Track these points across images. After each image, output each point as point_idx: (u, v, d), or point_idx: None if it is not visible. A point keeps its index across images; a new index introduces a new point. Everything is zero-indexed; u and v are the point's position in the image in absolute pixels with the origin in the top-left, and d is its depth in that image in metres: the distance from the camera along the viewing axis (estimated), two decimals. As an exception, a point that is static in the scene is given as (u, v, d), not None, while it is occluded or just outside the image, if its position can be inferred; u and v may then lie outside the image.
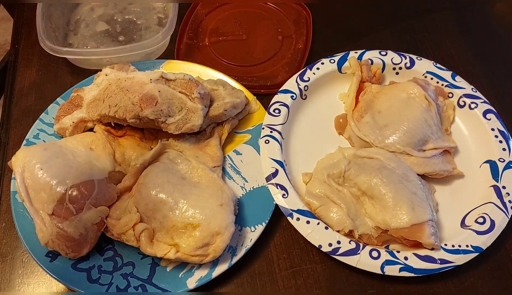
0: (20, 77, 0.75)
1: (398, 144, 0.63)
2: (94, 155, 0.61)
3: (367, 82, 0.70)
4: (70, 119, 0.64)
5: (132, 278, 0.56)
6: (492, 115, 0.66)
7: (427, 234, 0.55)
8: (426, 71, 0.70)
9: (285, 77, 0.71)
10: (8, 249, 0.60)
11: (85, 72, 0.74)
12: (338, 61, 0.71)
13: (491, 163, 0.63)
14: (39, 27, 0.69)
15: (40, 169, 0.56)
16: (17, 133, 0.69)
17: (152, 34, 0.78)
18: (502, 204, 0.59)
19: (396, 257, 0.55)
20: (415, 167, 0.62)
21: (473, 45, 0.79)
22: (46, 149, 0.58)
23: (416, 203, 0.57)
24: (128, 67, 0.68)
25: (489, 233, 0.57)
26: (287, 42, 0.78)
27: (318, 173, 0.61)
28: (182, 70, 0.70)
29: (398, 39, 0.80)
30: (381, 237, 0.57)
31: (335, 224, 0.58)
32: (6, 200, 0.63)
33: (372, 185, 0.58)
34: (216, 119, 0.65)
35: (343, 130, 0.67)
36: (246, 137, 0.67)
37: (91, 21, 0.80)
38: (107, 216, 0.57)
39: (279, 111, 0.66)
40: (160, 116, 0.59)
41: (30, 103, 0.72)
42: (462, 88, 0.69)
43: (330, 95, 0.71)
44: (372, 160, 0.61)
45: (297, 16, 0.81)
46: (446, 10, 0.84)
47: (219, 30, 0.79)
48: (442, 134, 0.66)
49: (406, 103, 0.66)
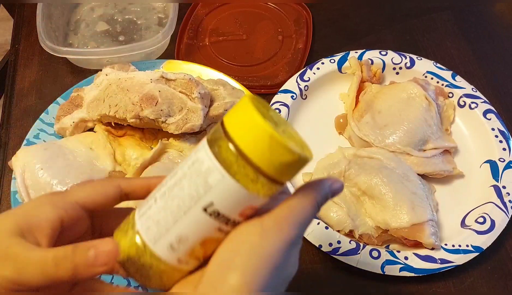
0: (20, 77, 0.75)
1: (398, 144, 0.63)
2: (94, 155, 0.61)
3: (367, 82, 0.70)
4: (70, 119, 0.64)
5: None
6: (492, 115, 0.66)
7: (427, 234, 0.55)
8: (426, 71, 0.70)
9: (285, 77, 0.72)
10: (8, 249, 0.60)
11: (85, 72, 0.74)
12: (338, 61, 0.71)
13: (491, 163, 0.64)
14: (39, 27, 0.69)
15: (40, 169, 0.56)
16: (17, 133, 0.69)
17: (152, 34, 0.78)
18: (502, 204, 0.59)
19: (396, 257, 0.55)
20: (415, 167, 0.62)
21: (473, 45, 0.79)
22: (47, 149, 0.58)
23: (416, 203, 0.57)
24: (128, 67, 0.68)
25: (489, 233, 0.57)
26: (287, 42, 0.78)
27: (318, 173, 0.61)
28: (182, 70, 0.70)
29: (398, 39, 0.80)
30: (381, 237, 0.58)
31: (335, 224, 0.58)
32: (6, 200, 0.63)
33: (372, 185, 0.58)
34: (216, 119, 0.65)
35: (343, 130, 0.67)
36: (246, 137, 0.67)
37: (91, 21, 0.80)
38: (107, 216, 0.57)
39: (279, 111, 0.66)
40: (160, 116, 0.59)
41: (30, 103, 0.72)
42: (462, 88, 0.69)
43: (330, 95, 0.71)
44: (372, 160, 0.61)
45: (297, 16, 0.81)
46: (446, 10, 0.84)
47: (219, 30, 0.79)
48: (442, 134, 0.66)
49: (406, 103, 0.66)
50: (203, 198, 0.30)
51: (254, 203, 0.30)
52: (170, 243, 0.31)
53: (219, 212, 0.30)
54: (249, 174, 0.29)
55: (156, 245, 0.32)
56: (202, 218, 0.30)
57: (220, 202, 0.30)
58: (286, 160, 0.29)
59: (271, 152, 0.28)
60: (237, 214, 0.30)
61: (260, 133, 0.28)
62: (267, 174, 0.29)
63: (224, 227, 0.31)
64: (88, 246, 0.29)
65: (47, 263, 0.29)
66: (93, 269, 0.29)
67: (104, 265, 0.29)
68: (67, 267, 0.29)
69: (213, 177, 0.30)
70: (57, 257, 0.29)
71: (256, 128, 0.28)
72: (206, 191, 0.30)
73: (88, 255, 0.29)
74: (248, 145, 0.29)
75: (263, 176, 0.29)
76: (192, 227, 0.31)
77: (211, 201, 0.30)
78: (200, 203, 0.30)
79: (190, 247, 0.31)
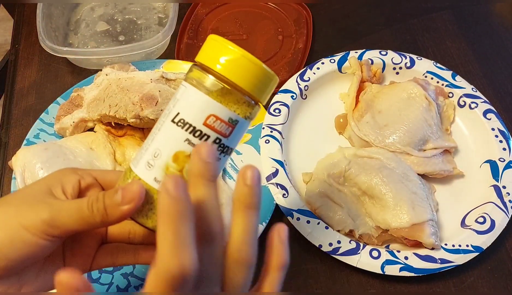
0: (20, 77, 0.75)
1: (398, 144, 0.63)
2: (95, 155, 0.61)
3: (367, 82, 0.70)
4: (70, 119, 0.64)
5: (132, 278, 0.56)
6: (492, 114, 0.66)
7: (427, 233, 0.55)
8: (426, 71, 0.70)
9: (285, 77, 0.72)
10: (8, 249, 0.60)
11: (85, 72, 0.74)
12: (338, 61, 0.71)
13: (491, 163, 0.64)
14: (39, 27, 0.69)
15: (40, 169, 0.56)
16: (17, 133, 0.69)
17: (152, 34, 0.78)
18: (502, 203, 0.59)
19: (396, 257, 0.55)
20: (415, 167, 0.62)
21: (473, 45, 0.79)
22: (47, 149, 0.58)
23: (416, 203, 0.57)
24: (128, 67, 0.68)
25: (489, 232, 0.57)
26: (287, 42, 0.78)
27: (319, 173, 0.61)
28: (182, 70, 0.70)
29: (398, 39, 0.80)
30: (381, 237, 0.58)
31: (335, 224, 0.58)
32: (6, 200, 0.63)
33: (372, 184, 0.58)
34: (216, 119, 0.65)
35: (343, 129, 0.67)
36: (246, 137, 0.67)
37: (91, 21, 0.80)
38: (108, 216, 0.57)
39: (279, 111, 0.66)
40: (160, 115, 0.59)
41: (30, 103, 0.72)
42: (462, 88, 0.69)
43: (330, 95, 0.71)
44: (372, 160, 0.61)
45: (297, 16, 0.81)
46: (446, 10, 0.84)
47: (219, 30, 0.79)
48: (442, 134, 0.66)
49: (406, 103, 0.66)
50: (172, 111, 0.34)
51: (217, 113, 0.33)
52: (147, 161, 0.34)
53: (185, 120, 0.33)
54: (207, 81, 0.33)
55: (137, 166, 0.35)
56: (172, 129, 0.34)
57: (184, 110, 0.33)
58: (245, 67, 0.33)
59: (231, 62, 0.33)
60: (201, 122, 0.33)
61: (218, 46, 0.34)
62: (228, 81, 0.33)
63: (192, 138, 0.33)
64: (115, 189, 0.33)
65: (82, 207, 0.33)
66: (121, 208, 0.33)
67: (130, 202, 0.33)
68: (100, 208, 0.33)
69: (179, 92, 0.35)
70: (90, 201, 0.33)
71: (217, 44, 0.34)
72: (174, 104, 0.34)
73: (116, 196, 0.33)
74: (208, 58, 0.34)
75: (224, 83, 0.33)
76: (164, 139, 0.34)
77: (177, 112, 0.34)
78: (169, 116, 0.34)
79: (164, 161, 0.34)
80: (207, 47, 0.35)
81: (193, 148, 0.33)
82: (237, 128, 0.34)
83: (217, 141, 0.34)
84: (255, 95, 0.34)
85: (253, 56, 0.33)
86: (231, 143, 0.35)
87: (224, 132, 0.34)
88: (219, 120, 0.33)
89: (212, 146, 0.31)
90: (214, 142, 0.34)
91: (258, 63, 0.33)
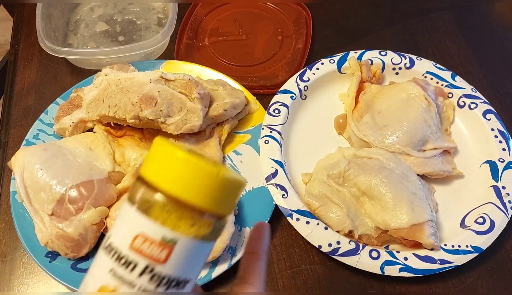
0: (19, 77, 0.75)
1: (398, 144, 0.63)
2: (94, 155, 0.61)
3: (367, 82, 0.70)
4: (69, 119, 0.64)
5: (131, 279, 0.55)
6: (492, 115, 0.66)
7: (427, 234, 0.55)
8: (426, 71, 0.70)
9: (285, 77, 0.71)
10: (7, 249, 0.60)
11: (84, 72, 0.74)
12: (338, 61, 0.71)
13: (491, 163, 0.63)
14: (38, 27, 0.69)
15: (39, 169, 0.56)
16: (16, 133, 0.69)
17: (152, 34, 0.78)
18: (502, 204, 0.59)
19: (396, 257, 0.55)
20: (414, 167, 0.62)
21: (473, 45, 0.79)
22: (46, 149, 0.58)
23: (416, 203, 0.57)
24: (127, 67, 0.68)
25: (489, 233, 0.57)
26: (287, 42, 0.78)
27: (318, 173, 0.61)
28: (182, 70, 0.70)
29: (398, 39, 0.80)
30: (381, 237, 0.57)
31: (334, 224, 0.58)
32: (5, 200, 0.63)
33: (371, 185, 0.58)
34: (216, 120, 0.65)
35: (343, 130, 0.67)
36: (246, 137, 0.67)
37: (91, 21, 0.80)
38: (107, 216, 0.57)
39: (278, 111, 0.66)
40: (159, 116, 0.59)
41: (30, 103, 0.72)
42: (462, 88, 0.69)
43: (330, 95, 0.71)
44: (371, 160, 0.61)
45: (297, 16, 0.80)
46: (446, 10, 0.84)
47: (219, 30, 0.79)
48: (442, 134, 0.66)
49: (406, 103, 0.66)
50: (109, 235, 0.28)
51: (145, 231, 0.26)
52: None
53: (112, 244, 0.26)
54: (138, 193, 0.27)
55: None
56: (101, 256, 0.27)
57: (115, 232, 0.27)
58: (184, 172, 0.26)
59: (168, 167, 0.26)
60: (127, 246, 0.26)
61: (159, 151, 0.27)
62: (161, 190, 0.26)
63: (117, 267, 0.26)
64: None
65: None
66: None
67: None
68: None
69: (120, 210, 0.29)
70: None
71: (159, 148, 0.27)
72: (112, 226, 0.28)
73: None
74: (144, 166, 0.28)
75: (157, 192, 0.26)
76: (93, 269, 0.28)
77: (109, 234, 0.27)
78: (104, 241, 0.28)
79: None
80: (149, 153, 0.28)
81: None
82: (177, 250, 0.26)
83: (148, 270, 0.25)
84: (204, 205, 0.26)
85: (200, 158, 0.26)
86: (173, 271, 0.26)
87: (157, 257, 0.26)
88: (148, 240, 0.25)
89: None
90: (142, 273, 0.25)
91: (202, 167, 0.26)
